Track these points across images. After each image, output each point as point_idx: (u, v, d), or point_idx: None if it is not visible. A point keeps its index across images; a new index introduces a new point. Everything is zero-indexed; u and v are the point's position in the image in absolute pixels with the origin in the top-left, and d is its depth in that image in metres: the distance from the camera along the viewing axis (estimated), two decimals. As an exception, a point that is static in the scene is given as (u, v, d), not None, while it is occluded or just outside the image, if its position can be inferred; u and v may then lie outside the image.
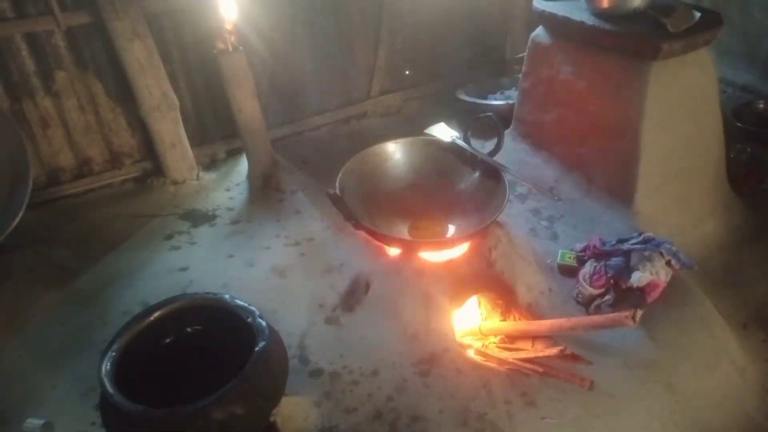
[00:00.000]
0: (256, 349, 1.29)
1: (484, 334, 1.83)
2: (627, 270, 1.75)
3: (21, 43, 2.34)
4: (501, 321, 1.86)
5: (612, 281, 1.77)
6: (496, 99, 3.08)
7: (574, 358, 1.60)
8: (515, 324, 1.82)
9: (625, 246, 1.82)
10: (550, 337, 1.73)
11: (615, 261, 1.79)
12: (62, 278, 2.12)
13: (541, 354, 1.65)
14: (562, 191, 2.29)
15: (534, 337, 1.76)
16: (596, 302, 1.79)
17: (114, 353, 1.30)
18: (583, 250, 1.93)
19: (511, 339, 1.80)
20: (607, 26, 2.05)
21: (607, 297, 1.77)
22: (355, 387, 1.63)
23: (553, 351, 1.62)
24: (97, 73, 2.53)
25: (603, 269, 1.79)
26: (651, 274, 1.71)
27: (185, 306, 1.44)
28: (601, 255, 1.85)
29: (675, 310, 1.70)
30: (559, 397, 1.56)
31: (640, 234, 1.87)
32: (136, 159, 2.77)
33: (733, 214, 2.20)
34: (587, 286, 1.79)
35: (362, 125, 3.15)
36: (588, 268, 1.84)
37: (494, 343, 1.81)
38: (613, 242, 1.88)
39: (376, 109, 3.22)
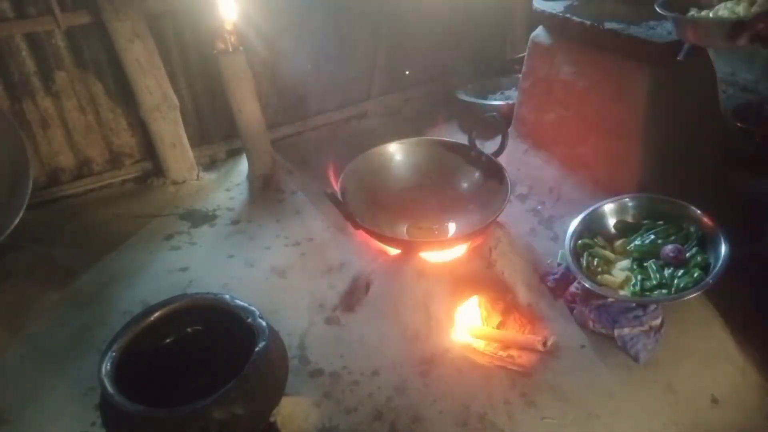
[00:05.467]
0: (256, 349, 1.29)
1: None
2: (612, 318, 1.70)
3: (21, 43, 2.34)
4: (482, 327, 1.89)
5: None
6: (496, 99, 3.08)
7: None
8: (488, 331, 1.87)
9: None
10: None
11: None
12: (62, 278, 2.12)
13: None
14: (563, 191, 2.29)
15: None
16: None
17: (114, 353, 1.30)
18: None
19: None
20: (607, 26, 2.05)
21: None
22: (356, 387, 1.63)
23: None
24: (97, 73, 2.53)
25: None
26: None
27: (185, 306, 1.44)
28: None
29: (675, 311, 1.70)
30: (559, 397, 1.57)
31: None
32: (136, 159, 2.77)
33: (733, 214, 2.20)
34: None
35: (362, 125, 3.14)
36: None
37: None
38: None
39: (376, 109, 3.22)
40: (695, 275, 1.65)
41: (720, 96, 2.21)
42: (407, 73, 3.25)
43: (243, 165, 2.77)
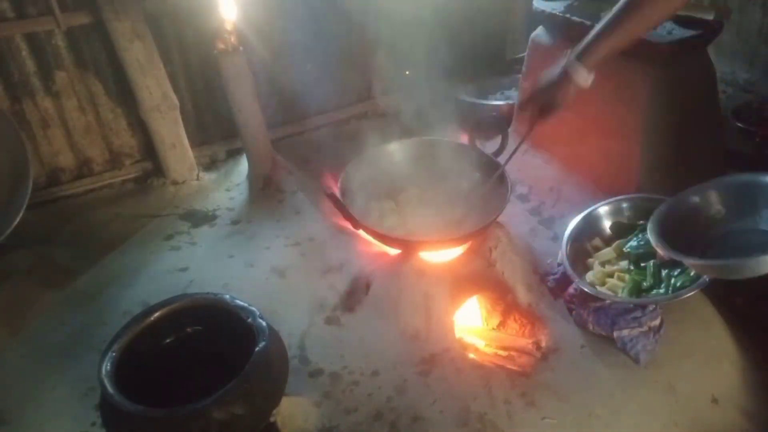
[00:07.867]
0: (256, 349, 1.29)
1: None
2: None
3: (21, 43, 2.34)
4: (476, 328, 1.90)
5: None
6: (496, 99, 3.08)
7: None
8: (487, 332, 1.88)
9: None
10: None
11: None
12: (62, 278, 2.12)
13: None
14: (563, 191, 2.29)
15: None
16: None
17: (114, 353, 1.30)
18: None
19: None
20: (607, 26, 2.05)
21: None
22: (356, 387, 1.63)
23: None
24: (97, 73, 2.53)
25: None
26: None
27: (185, 306, 1.44)
28: None
29: (675, 310, 1.70)
30: (559, 397, 1.57)
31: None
32: (136, 159, 2.77)
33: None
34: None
35: (362, 125, 3.14)
36: None
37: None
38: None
39: (376, 109, 3.22)
40: (692, 273, 1.65)
41: (720, 96, 2.21)
42: (407, 73, 3.25)
43: (243, 165, 2.77)
